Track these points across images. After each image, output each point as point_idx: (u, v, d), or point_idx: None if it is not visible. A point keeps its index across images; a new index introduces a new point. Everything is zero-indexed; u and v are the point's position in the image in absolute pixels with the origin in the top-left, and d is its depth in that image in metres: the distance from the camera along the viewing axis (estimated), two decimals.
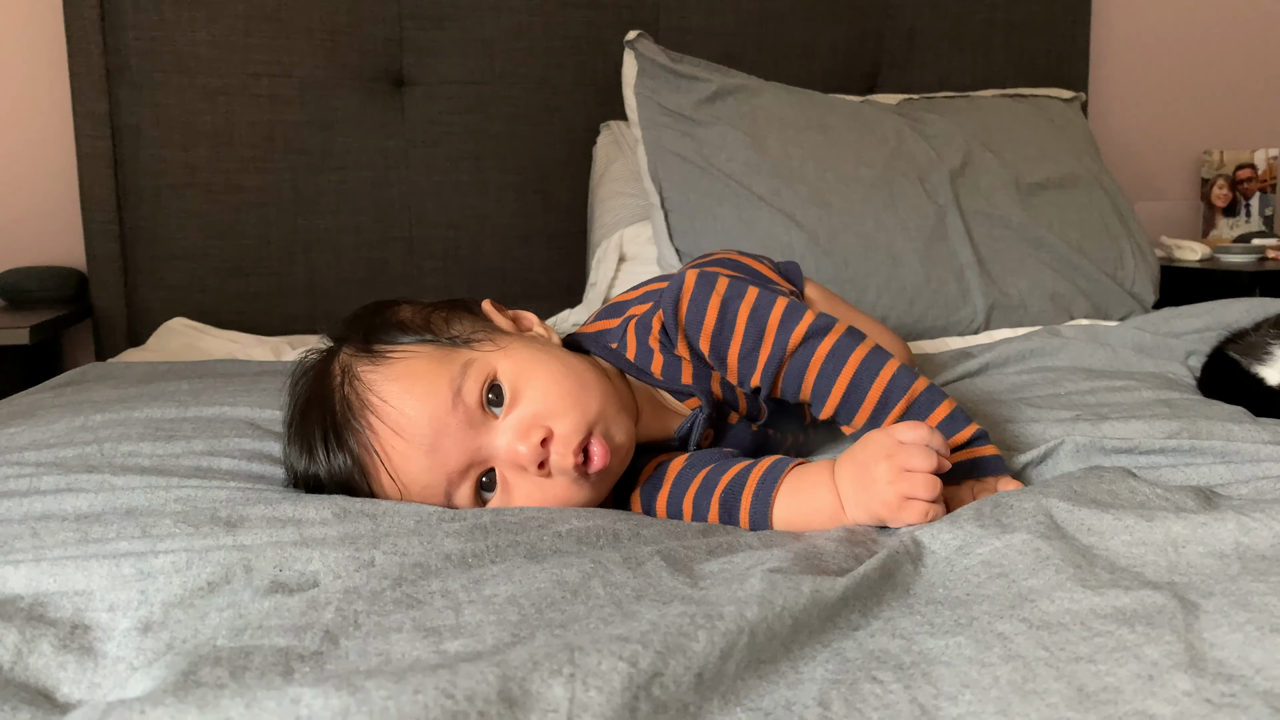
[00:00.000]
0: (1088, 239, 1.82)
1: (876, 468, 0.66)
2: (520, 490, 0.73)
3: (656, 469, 0.81)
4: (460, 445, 0.72)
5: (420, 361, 0.74)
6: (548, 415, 0.73)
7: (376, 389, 0.73)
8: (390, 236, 1.90)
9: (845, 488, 0.69)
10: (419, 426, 0.71)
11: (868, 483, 0.67)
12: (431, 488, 0.73)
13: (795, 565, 0.55)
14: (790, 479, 0.73)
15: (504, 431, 0.73)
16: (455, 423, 0.72)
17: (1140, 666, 0.44)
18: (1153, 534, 0.57)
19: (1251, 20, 2.58)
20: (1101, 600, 0.50)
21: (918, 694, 0.43)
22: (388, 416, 0.72)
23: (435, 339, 0.77)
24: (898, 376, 0.77)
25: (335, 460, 0.74)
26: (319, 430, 0.75)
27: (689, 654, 0.43)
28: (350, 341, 0.78)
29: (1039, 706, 0.41)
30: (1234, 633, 0.46)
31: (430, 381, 0.73)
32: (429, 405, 0.72)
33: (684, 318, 0.82)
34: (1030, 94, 2.08)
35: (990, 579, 0.54)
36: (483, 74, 1.93)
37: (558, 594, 0.53)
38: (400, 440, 0.71)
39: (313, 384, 0.77)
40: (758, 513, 0.73)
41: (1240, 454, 0.81)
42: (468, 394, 0.72)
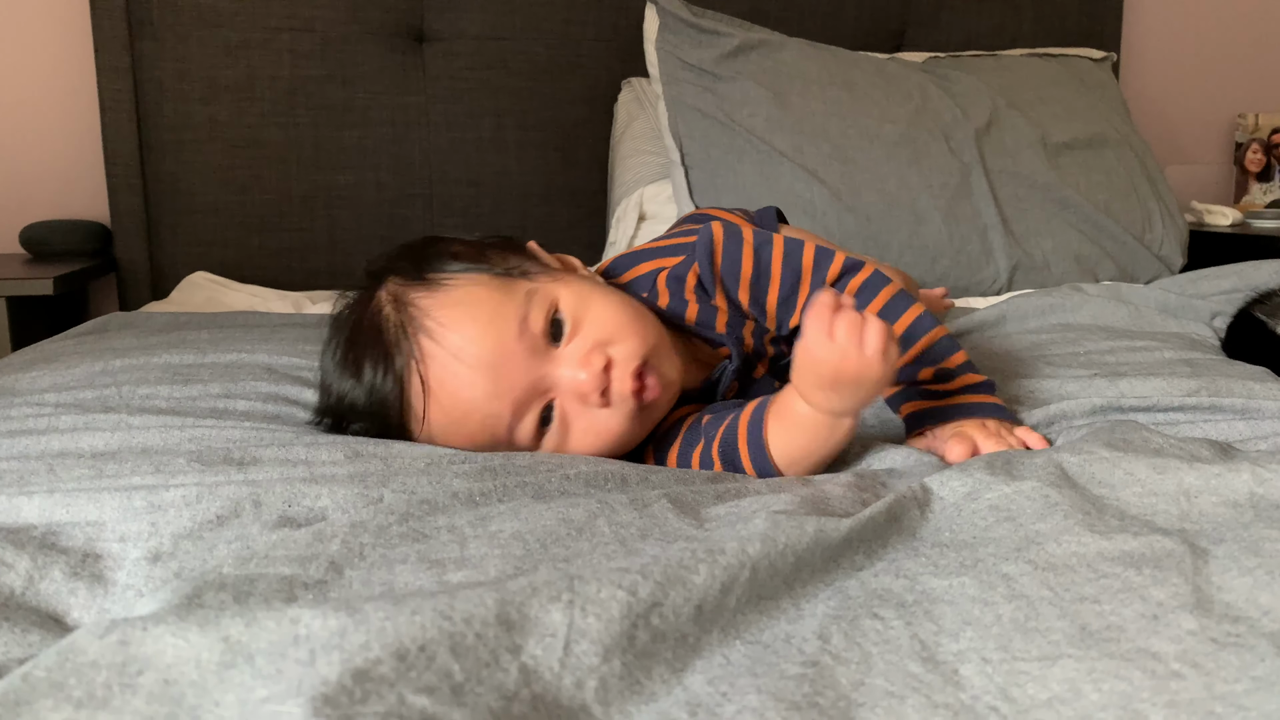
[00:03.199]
0: (1115, 200, 1.79)
1: (842, 369, 0.64)
2: (578, 424, 0.72)
3: (672, 425, 0.80)
4: (525, 373, 0.70)
5: (481, 290, 0.73)
6: (608, 342, 0.72)
7: (434, 314, 0.71)
8: (411, 193, 1.90)
9: (819, 398, 0.67)
10: (484, 352, 0.69)
11: (835, 380, 0.65)
12: (494, 418, 0.71)
13: (801, 508, 0.55)
14: (772, 419, 0.72)
15: (567, 360, 0.72)
16: (521, 350, 0.70)
17: (1145, 607, 0.43)
18: (1164, 484, 0.56)
19: None
20: (1109, 544, 0.49)
21: (919, 630, 0.43)
22: (447, 341, 0.70)
23: (491, 269, 0.75)
24: (921, 319, 0.78)
25: (380, 385, 0.72)
26: (366, 355, 0.72)
27: (689, 586, 0.43)
28: (398, 272, 0.75)
29: (1040, 643, 0.41)
30: (1243, 576, 0.46)
31: (495, 308, 0.71)
32: (494, 331, 0.70)
33: (720, 269, 0.83)
34: (1060, 53, 2.04)
35: (997, 523, 0.53)
36: (504, 29, 1.91)
37: (563, 531, 0.53)
38: (461, 366, 0.69)
39: (358, 310, 0.75)
40: (758, 458, 0.72)
41: (1261, 411, 0.80)
42: (533, 322, 0.71)
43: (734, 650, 0.42)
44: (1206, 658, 0.39)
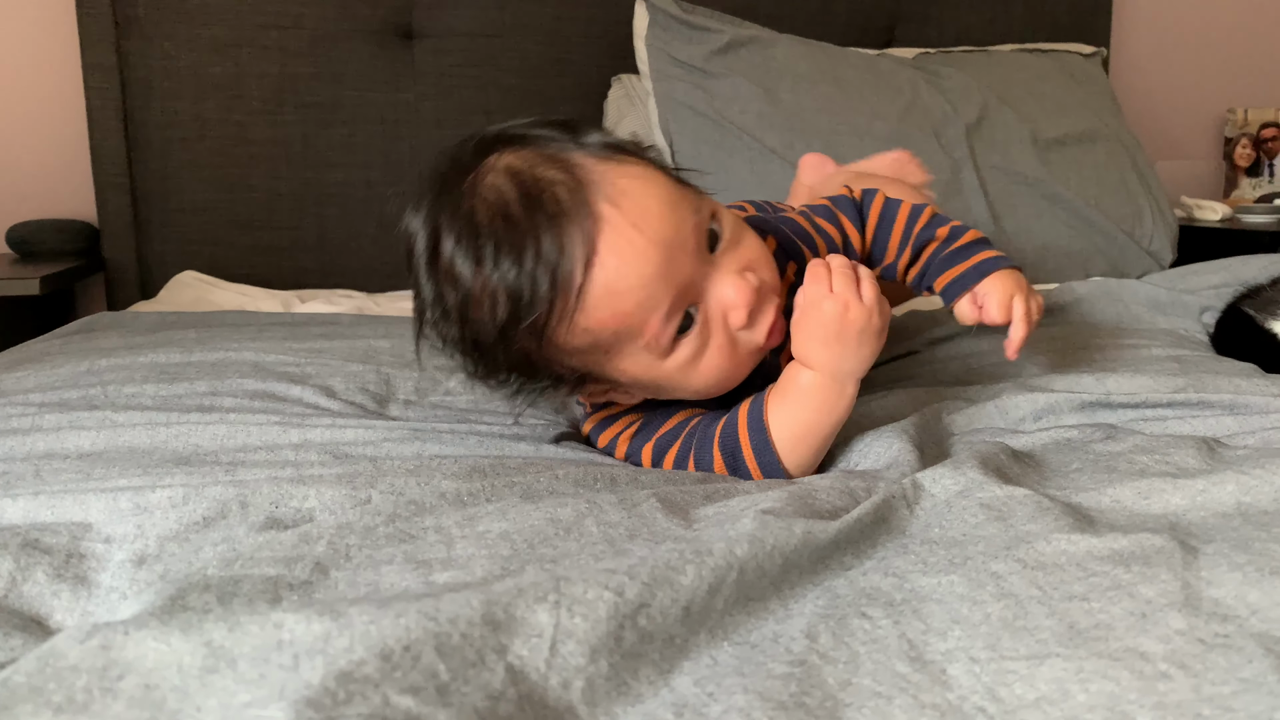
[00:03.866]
0: (1105, 196, 1.79)
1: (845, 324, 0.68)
2: (714, 339, 0.69)
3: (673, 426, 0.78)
4: (691, 266, 0.67)
5: (656, 173, 0.68)
6: (754, 270, 0.70)
7: (613, 180, 0.65)
8: (400, 191, 1.89)
9: (821, 360, 0.69)
10: (664, 229, 0.65)
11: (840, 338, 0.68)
12: (653, 300, 0.65)
13: (789, 506, 0.54)
14: (772, 401, 0.72)
15: (725, 270, 0.69)
16: (691, 243, 0.67)
17: (1134, 605, 0.43)
18: (1151, 508, 0.56)
19: None
20: (1100, 542, 0.49)
21: (907, 629, 0.43)
22: (627, 208, 0.64)
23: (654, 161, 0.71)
24: (915, 206, 0.89)
25: (545, 252, 0.63)
26: (519, 222, 0.64)
27: (676, 587, 0.43)
28: (536, 142, 0.68)
29: (1028, 642, 0.41)
30: (1233, 572, 0.46)
31: (672, 191, 0.67)
32: (675, 214, 0.66)
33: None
34: (1050, 49, 2.05)
35: (988, 521, 0.53)
36: (493, 26, 1.91)
37: (551, 531, 0.53)
38: (639, 236, 0.64)
39: (480, 186, 0.66)
40: (759, 444, 0.71)
41: (1249, 406, 0.80)
42: (701, 222, 0.68)
43: (721, 651, 0.42)
44: (1194, 659, 0.39)
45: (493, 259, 0.64)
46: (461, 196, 0.66)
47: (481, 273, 0.65)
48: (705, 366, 0.70)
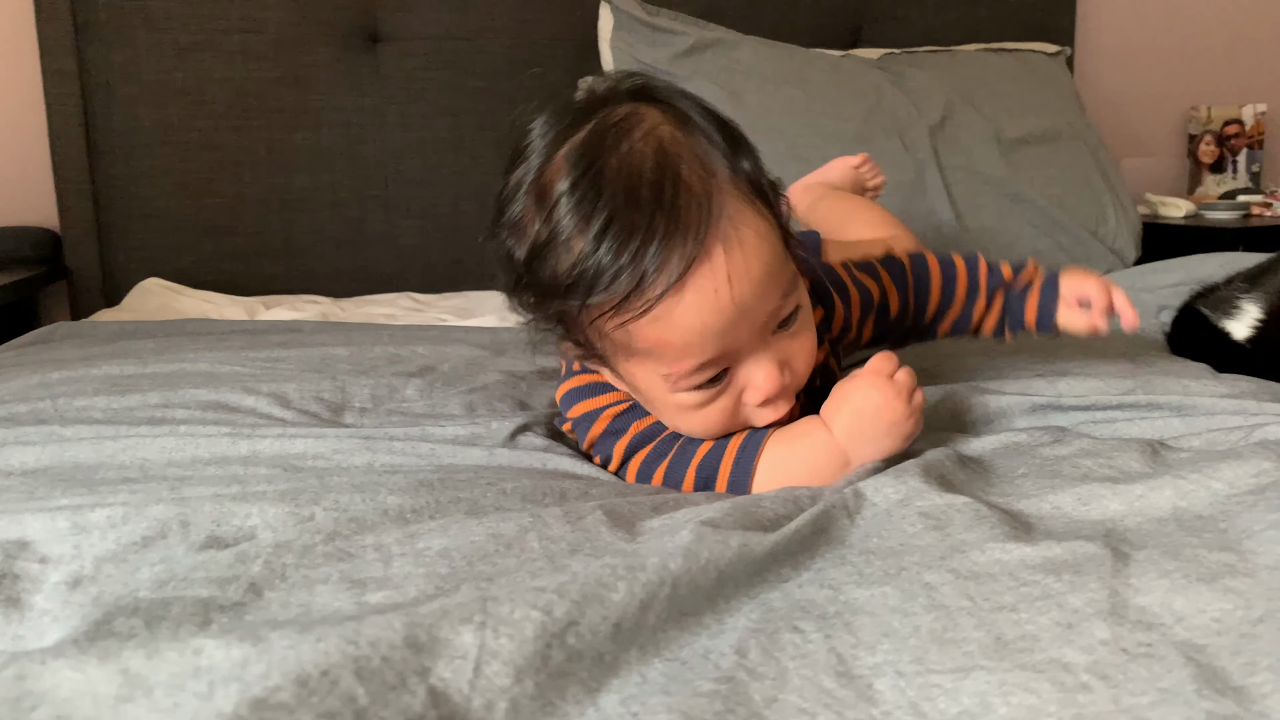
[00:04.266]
0: (1069, 195, 1.81)
1: (889, 411, 0.68)
2: (721, 402, 0.69)
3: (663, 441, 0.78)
4: (746, 336, 0.66)
5: (774, 236, 0.67)
6: (798, 365, 0.70)
7: (739, 225, 0.63)
8: (367, 195, 1.89)
9: (846, 429, 0.69)
10: (751, 295, 0.64)
11: (872, 420, 0.68)
12: (700, 350, 0.65)
13: (729, 517, 0.55)
14: (774, 439, 0.71)
15: (770, 352, 0.68)
16: (761, 321, 0.66)
17: (1061, 615, 0.44)
18: (1090, 514, 0.57)
19: None
20: (1033, 551, 0.50)
21: (837, 643, 0.43)
22: (735, 259, 0.63)
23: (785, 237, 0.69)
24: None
25: (646, 256, 0.61)
26: (652, 210, 0.61)
27: (607, 604, 0.43)
28: (701, 137, 0.66)
29: (955, 655, 0.41)
30: (1161, 579, 0.46)
31: (776, 267, 0.66)
32: (767, 288, 0.65)
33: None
34: (1014, 48, 2.06)
35: (925, 530, 0.53)
36: (459, 29, 1.90)
37: (491, 547, 0.52)
38: (726, 290, 0.62)
39: (649, 148, 0.64)
40: (737, 479, 0.71)
41: (1196, 408, 0.81)
42: (782, 309, 0.67)
43: (652, 668, 0.42)
44: (1116, 669, 0.40)
45: (597, 231, 0.62)
46: (602, 142, 0.64)
47: (577, 234, 0.63)
48: (701, 416, 0.70)
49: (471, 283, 1.91)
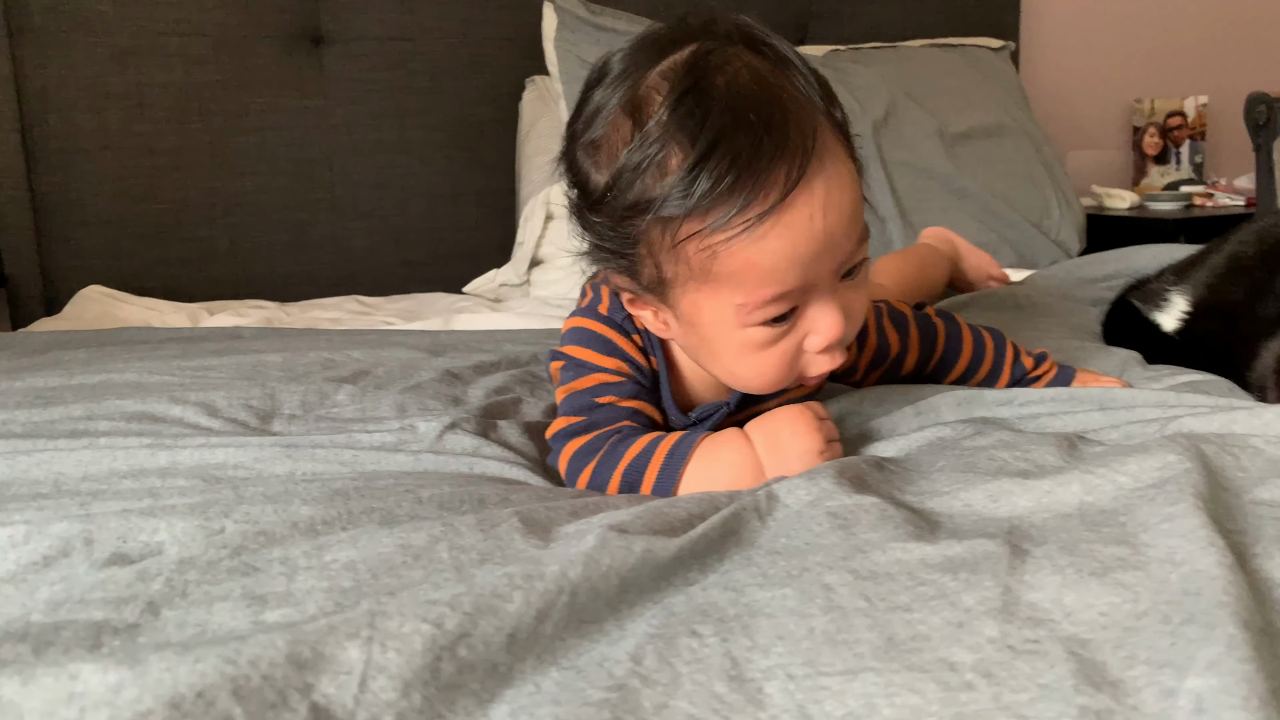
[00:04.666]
0: (1013, 188, 1.82)
1: (805, 438, 0.71)
2: (783, 346, 0.69)
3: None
4: (825, 272, 0.66)
5: (858, 184, 0.68)
6: (856, 318, 0.71)
7: (835, 163, 0.64)
8: (313, 197, 1.87)
9: (764, 446, 0.71)
10: (839, 228, 0.64)
11: (789, 442, 0.71)
12: (784, 279, 0.64)
13: (640, 520, 0.55)
14: (703, 447, 0.72)
15: (838, 299, 0.68)
16: (841, 256, 0.66)
17: (953, 614, 0.44)
18: (998, 511, 0.58)
19: None
20: (934, 550, 0.50)
21: (732, 647, 0.43)
22: (830, 192, 0.63)
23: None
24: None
25: (752, 177, 0.61)
26: (759, 132, 0.61)
27: (501, 615, 0.43)
28: (800, 80, 0.66)
29: (846, 657, 0.42)
30: (1054, 575, 0.47)
31: (859, 209, 0.67)
32: (850, 226, 0.66)
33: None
34: (959, 43, 2.08)
35: (832, 529, 0.54)
36: (403, 30, 1.89)
37: (399, 559, 0.52)
38: (820, 219, 0.63)
39: (752, 77, 0.64)
40: (662, 485, 0.72)
41: (1117, 400, 0.82)
42: (857, 251, 0.68)
43: (547, 677, 0.42)
44: (1000, 666, 0.40)
45: (704, 149, 0.61)
46: (706, 63, 0.64)
47: (678, 150, 0.62)
48: (761, 359, 0.70)
49: (420, 285, 1.90)
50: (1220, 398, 0.83)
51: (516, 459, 0.80)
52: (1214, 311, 1.06)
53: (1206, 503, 0.54)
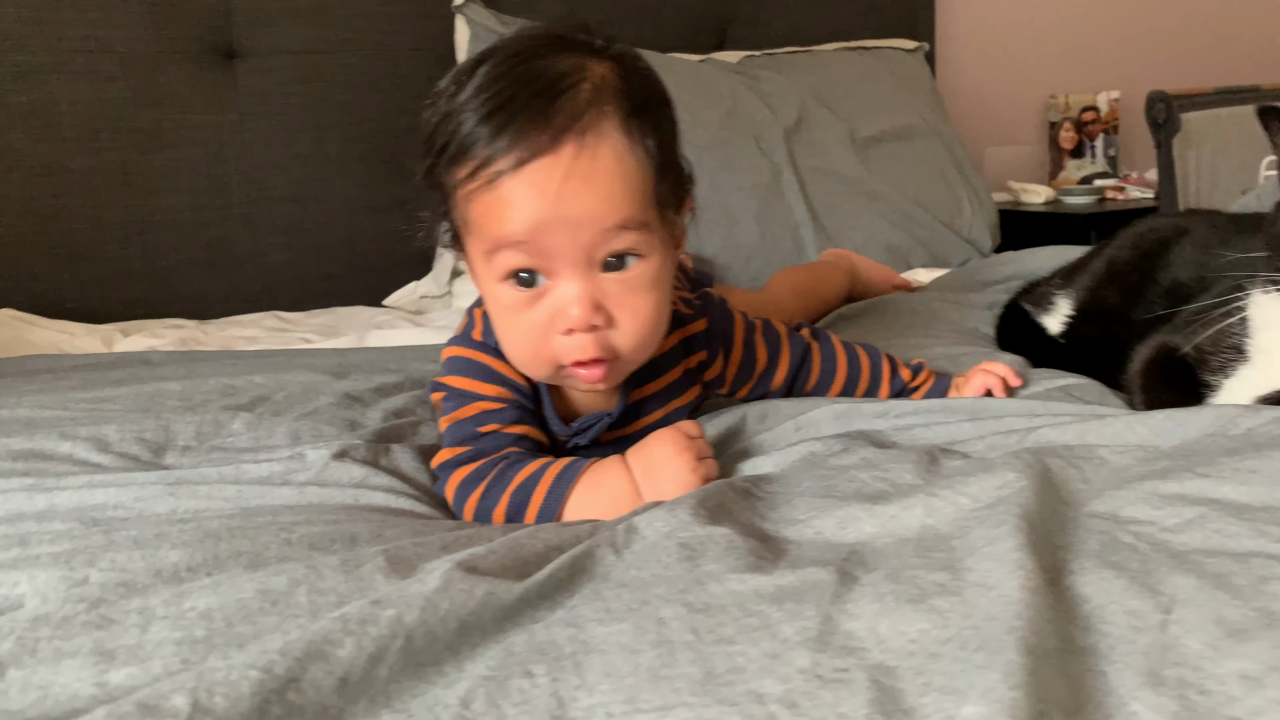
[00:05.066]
0: (924, 190, 1.86)
1: (676, 460, 0.74)
2: (530, 316, 0.74)
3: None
4: (564, 247, 0.70)
5: (631, 170, 0.71)
6: (615, 326, 0.74)
7: (604, 142, 0.70)
8: (231, 214, 1.86)
9: (641, 474, 0.74)
10: (576, 207, 0.69)
11: (662, 467, 0.74)
12: (511, 230, 0.70)
13: (493, 555, 0.56)
14: (587, 477, 0.75)
15: (591, 284, 0.72)
16: (584, 240, 0.70)
17: (772, 645, 0.46)
18: (844, 538, 0.60)
19: None
20: (767, 580, 0.52)
21: (561, 687, 0.45)
22: (580, 163, 0.69)
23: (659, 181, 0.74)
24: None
25: (504, 130, 0.69)
26: (528, 99, 0.69)
27: (332, 660, 0.44)
28: (626, 98, 0.72)
29: (664, 692, 0.44)
30: (874, 603, 0.49)
31: (619, 199, 0.71)
32: (596, 208, 0.70)
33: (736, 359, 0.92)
34: (874, 46, 2.11)
35: (679, 561, 0.56)
36: (318, 43, 1.88)
37: (256, 605, 0.53)
38: (557, 182, 0.68)
39: (578, 76, 0.71)
40: (546, 513, 0.75)
41: (987, 410, 0.85)
42: (607, 241, 0.71)
43: None
44: (805, 696, 0.43)
45: (483, 102, 0.70)
46: (538, 45, 0.73)
47: (468, 103, 0.71)
48: (516, 325, 0.75)
49: (343, 297, 1.90)
50: (1085, 405, 0.87)
51: (404, 488, 0.81)
52: (1093, 315, 1.10)
53: (1034, 521, 0.57)
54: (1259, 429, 0.71)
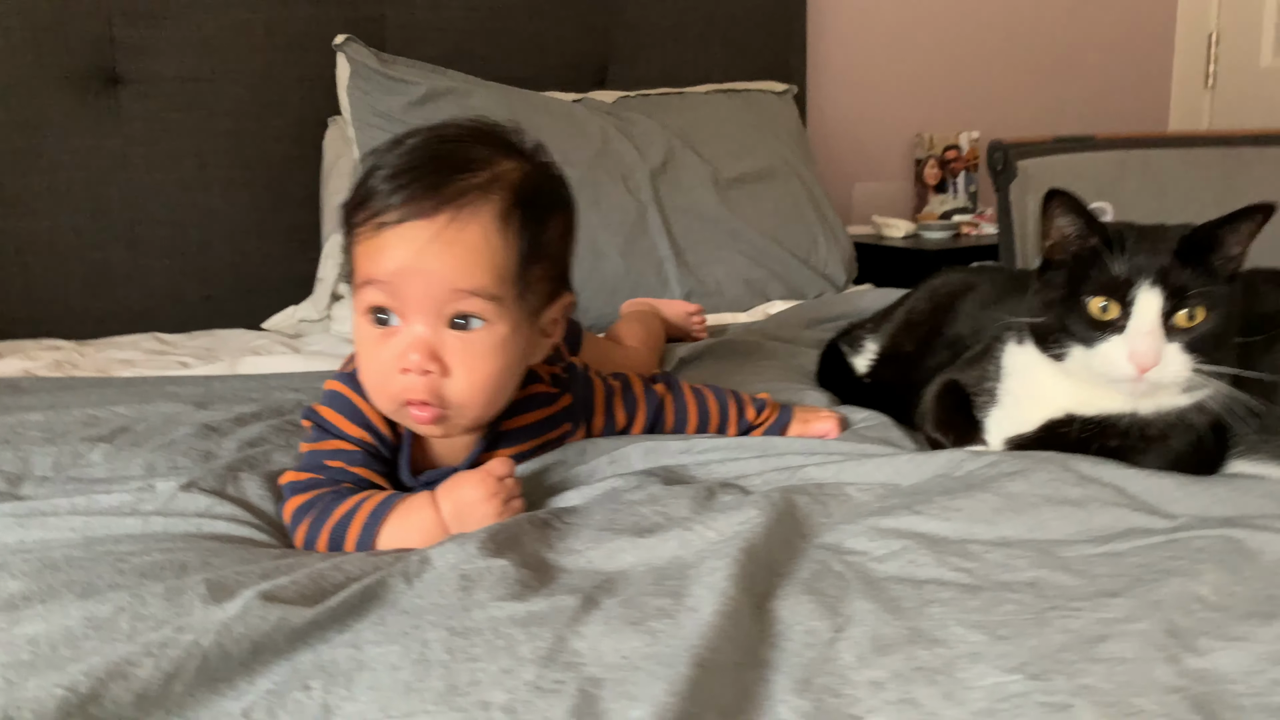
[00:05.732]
0: (782, 227, 2.00)
1: (485, 505, 0.83)
2: (381, 352, 0.84)
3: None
4: (420, 301, 0.82)
5: (492, 261, 0.83)
6: (450, 376, 0.84)
7: (476, 222, 0.82)
8: (111, 236, 1.90)
9: (449, 513, 0.83)
10: (434, 259, 0.81)
11: (469, 505, 0.83)
12: (380, 269, 0.82)
13: (295, 585, 0.65)
14: (397, 513, 0.84)
15: (433, 333, 0.83)
16: (438, 295, 0.82)
17: (509, 662, 0.57)
18: (608, 566, 0.71)
19: (953, 13, 2.83)
20: (521, 607, 0.63)
21: (330, 698, 0.55)
22: (450, 234, 0.81)
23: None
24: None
25: (398, 190, 0.82)
26: (429, 170, 0.82)
27: (131, 679, 0.53)
28: (518, 193, 0.84)
29: (413, 701, 0.53)
30: (603, 625, 0.60)
31: (473, 262, 0.82)
32: (452, 270, 0.81)
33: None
34: (744, 88, 2.24)
35: (456, 590, 0.66)
36: (203, 72, 1.93)
37: (80, 632, 0.61)
38: (424, 242, 0.80)
39: (482, 162, 0.84)
40: (363, 544, 0.83)
41: (774, 448, 0.97)
42: (455, 300, 0.82)
43: None
44: (523, 704, 0.53)
45: (390, 169, 0.84)
46: (459, 130, 0.88)
47: (380, 166, 0.84)
48: (371, 357, 0.86)
49: (225, 319, 1.95)
50: (858, 444, 0.99)
51: (246, 516, 0.88)
52: (892, 359, 1.24)
53: (758, 553, 0.69)
54: (977, 471, 0.84)
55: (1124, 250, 0.87)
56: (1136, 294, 0.85)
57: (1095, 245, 0.89)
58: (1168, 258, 0.86)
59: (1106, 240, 0.88)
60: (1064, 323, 0.89)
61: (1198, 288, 0.85)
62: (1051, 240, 0.94)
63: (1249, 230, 0.87)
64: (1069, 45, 2.97)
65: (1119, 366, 0.85)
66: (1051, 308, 0.91)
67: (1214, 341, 0.86)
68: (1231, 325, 0.87)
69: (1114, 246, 0.87)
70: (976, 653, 0.57)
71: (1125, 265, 0.86)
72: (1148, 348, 0.84)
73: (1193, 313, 0.85)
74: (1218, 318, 0.85)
